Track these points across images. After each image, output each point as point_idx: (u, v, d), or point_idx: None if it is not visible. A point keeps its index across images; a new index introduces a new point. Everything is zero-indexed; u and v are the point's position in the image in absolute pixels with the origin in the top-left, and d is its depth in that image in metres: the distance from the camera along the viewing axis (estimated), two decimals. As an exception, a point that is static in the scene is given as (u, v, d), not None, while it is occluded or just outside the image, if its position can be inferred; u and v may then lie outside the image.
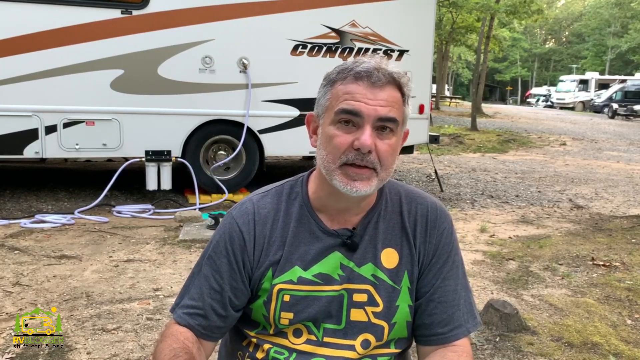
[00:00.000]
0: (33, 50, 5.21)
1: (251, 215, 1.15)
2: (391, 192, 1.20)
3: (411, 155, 9.19)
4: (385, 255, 1.14)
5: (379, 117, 1.03)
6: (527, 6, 15.85)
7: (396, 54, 6.27)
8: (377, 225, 1.16)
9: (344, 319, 1.11)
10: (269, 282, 1.11)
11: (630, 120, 25.76)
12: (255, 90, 5.82)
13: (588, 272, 4.01)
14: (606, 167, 10.62)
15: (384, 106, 1.04)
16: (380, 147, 1.04)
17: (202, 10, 5.62)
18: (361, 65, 1.05)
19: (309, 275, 1.11)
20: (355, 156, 1.03)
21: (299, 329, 1.12)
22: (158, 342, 1.10)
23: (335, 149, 1.05)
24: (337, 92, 1.06)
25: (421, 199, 1.20)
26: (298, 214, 1.15)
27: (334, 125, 1.06)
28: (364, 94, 1.03)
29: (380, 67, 1.05)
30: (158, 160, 5.64)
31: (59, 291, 3.28)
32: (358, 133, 1.03)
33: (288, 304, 1.10)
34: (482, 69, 18.74)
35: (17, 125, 5.26)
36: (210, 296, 1.11)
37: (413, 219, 1.17)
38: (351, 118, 1.04)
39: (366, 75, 1.04)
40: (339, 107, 1.04)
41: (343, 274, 1.12)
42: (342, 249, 1.13)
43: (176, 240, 4.44)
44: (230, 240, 1.13)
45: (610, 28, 49.91)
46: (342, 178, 1.05)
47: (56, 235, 4.48)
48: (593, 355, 2.73)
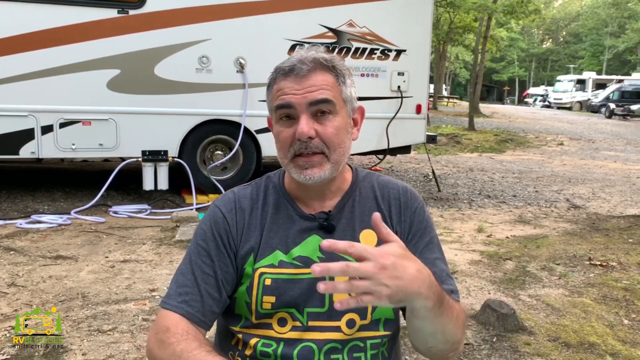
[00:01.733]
0: (29, 50, 5.19)
1: (233, 203, 1.19)
2: (364, 181, 1.25)
3: (409, 155, 9.18)
4: (364, 236, 1.17)
5: (309, 102, 1.08)
6: (525, 6, 15.90)
7: (393, 53, 6.27)
8: (352, 209, 1.20)
9: (327, 301, 1.13)
10: (251, 266, 1.14)
11: (627, 120, 25.82)
12: (252, 90, 5.81)
13: (585, 272, 4.01)
14: (603, 167, 10.64)
15: (313, 91, 1.08)
16: (322, 130, 1.09)
17: (199, 10, 5.61)
18: (287, 61, 1.12)
19: (289, 258, 1.14)
20: (299, 146, 1.09)
21: (283, 317, 1.12)
22: (160, 342, 1.05)
23: (283, 144, 1.11)
24: (273, 92, 1.13)
25: (392, 184, 1.25)
26: (276, 202, 1.20)
27: (277, 123, 1.13)
28: (291, 87, 1.09)
29: (305, 58, 1.10)
30: (155, 160, 5.62)
31: (55, 292, 3.27)
32: (297, 124, 1.09)
33: (270, 288, 1.12)
34: (479, 68, 18.77)
35: (13, 125, 5.24)
36: (204, 280, 1.12)
37: (387, 203, 1.22)
38: (287, 112, 1.10)
39: (290, 70, 1.10)
40: (275, 104, 1.12)
41: (322, 256, 1.13)
42: (320, 232, 1.16)
43: (173, 240, 4.42)
44: (216, 225, 1.16)
45: (607, 28, 50.03)
46: (296, 169, 1.11)
47: (52, 236, 4.47)
48: (590, 355, 2.73)
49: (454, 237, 4.92)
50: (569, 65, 52.70)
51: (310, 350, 1.11)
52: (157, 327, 1.09)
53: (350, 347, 1.13)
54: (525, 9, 15.98)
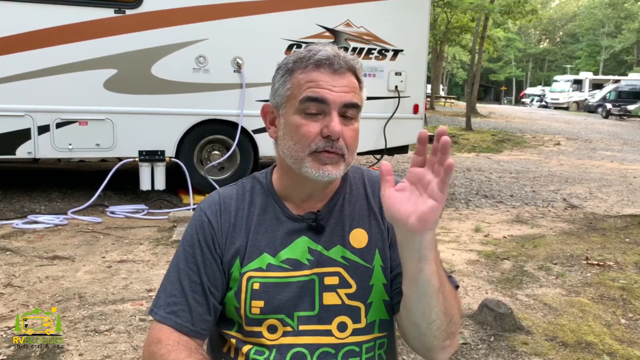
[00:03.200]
0: (25, 49, 5.17)
1: (217, 206, 1.16)
2: (355, 177, 1.22)
3: (406, 155, 9.18)
4: (354, 235, 1.14)
5: (344, 103, 1.05)
6: (522, 6, 15.91)
7: (391, 53, 6.27)
8: (342, 208, 1.17)
9: (317, 304, 1.10)
10: (238, 270, 1.11)
11: (624, 120, 25.89)
12: (249, 90, 5.80)
13: (582, 271, 4.02)
14: (600, 167, 10.66)
15: (347, 92, 1.05)
16: (346, 133, 1.06)
17: (196, 9, 5.60)
18: (319, 52, 1.05)
19: (277, 261, 1.11)
20: (325, 143, 1.04)
21: (273, 324, 1.09)
22: (152, 354, 1.06)
23: (304, 137, 1.05)
24: (299, 80, 1.06)
25: None
26: (263, 203, 1.16)
27: (299, 114, 1.06)
28: (328, 81, 1.04)
29: (339, 54, 1.06)
30: (152, 160, 5.61)
31: (51, 292, 3.26)
32: (325, 120, 1.04)
33: (258, 292, 1.09)
34: (476, 69, 18.79)
35: (10, 125, 5.21)
36: (191, 289, 1.10)
37: (378, 199, 1.17)
38: (317, 107, 1.04)
39: (327, 63, 1.05)
40: (304, 96, 1.04)
41: (312, 258, 1.11)
42: (308, 233, 1.13)
43: (170, 240, 4.41)
44: (202, 230, 1.14)
45: (604, 28, 50.18)
46: (314, 164, 1.05)
47: (49, 236, 4.45)
48: (587, 354, 2.73)
49: (452, 237, 4.93)
50: (566, 65, 52.82)
51: (302, 356, 1.08)
52: (150, 339, 1.10)
53: (345, 352, 1.10)
54: (522, 9, 16.00)
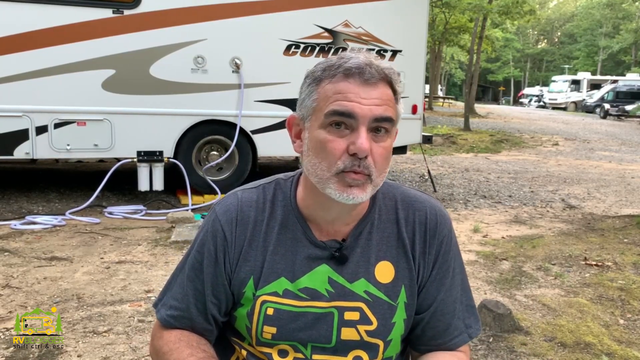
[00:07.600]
0: (23, 50, 5.16)
1: (234, 214, 1.06)
2: (385, 198, 1.09)
3: (404, 155, 9.20)
4: (380, 269, 1.04)
5: (375, 117, 0.93)
6: (520, 7, 15.92)
7: (389, 54, 6.27)
8: (370, 236, 1.05)
9: (334, 338, 1.03)
10: (251, 291, 1.04)
11: (622, 121, 25.92)
12: (247, 91, 5.80)
13: (581, 272, 4.02)
14: (598, 167, 10.68)
15: (379, 105, 0.93)
16: (375, 150, 0.94)
17: (194, 10, 5.59)
18: (350, 60, 0.94)
19: (294, 288, 1.03)
20: (352, 162, 0.93)
21: (285, 349, 1.03)
22: (156, 350, 1.07)
23: (330, 155, 0.94)
24: (326, 91, 0.95)
25: (419, 204, 1.09)
26: (284, 218, 1.05)
27: (324, 128, 0.95)
28: (357, 93, 0.92)
29: (372, 63, 0.95)
30: (150, 160, 5.60)
31: (50, 293, 3.25)
32: (352, 136, 0.93)
33: (271, 318, 1.02)
34: (474, 69, 18.82)
35: (7, 125, 5.21)
36: (195, 298, 1.06)
37: (411, 228, 1.07)
38: (343, 120, 0.93)
39: (358, 72, 0.93)
40: (330, 109, 0.93)
41: (332, 290, 1.03)
42: (330, 262, 1.03)
43: (168, 241, 4.41)
44: (213, 239, 1.05)
45: (601, 29, 50.28)
46: (338, 186, 0.94)
47: (47, 237, 4.44)
48: (586, 355, 2.73)
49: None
50: (564, 65, 52.88)
51: None
52: (154, 331, 1.11)
53: None
54: (520, 9, 16.01)
